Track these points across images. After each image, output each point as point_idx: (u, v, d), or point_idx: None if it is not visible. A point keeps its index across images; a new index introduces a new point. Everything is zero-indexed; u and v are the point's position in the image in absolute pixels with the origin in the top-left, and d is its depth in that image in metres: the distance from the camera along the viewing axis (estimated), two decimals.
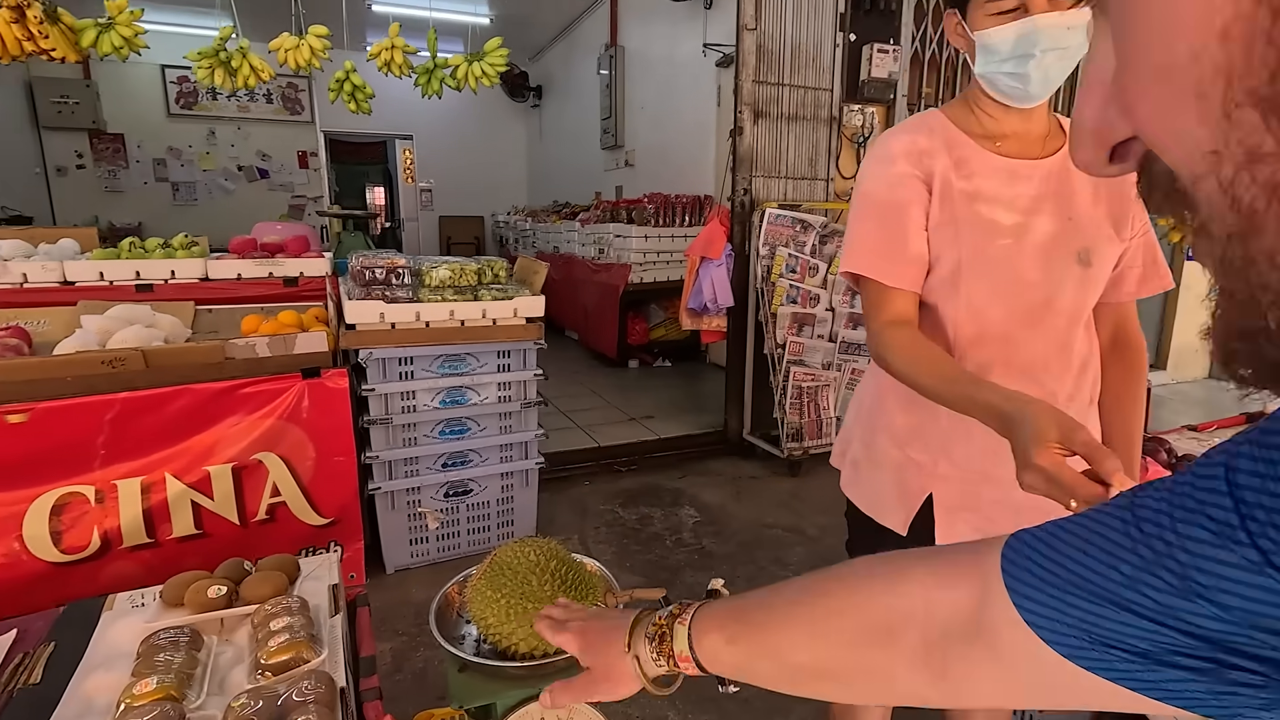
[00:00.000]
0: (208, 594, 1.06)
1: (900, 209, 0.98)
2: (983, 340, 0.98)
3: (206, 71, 2.50)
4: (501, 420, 2.51)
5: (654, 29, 5.99)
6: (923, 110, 3.72)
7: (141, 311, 2.25)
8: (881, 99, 3.66)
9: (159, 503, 2.00)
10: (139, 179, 8.13)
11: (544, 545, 1.08)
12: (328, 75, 3.04)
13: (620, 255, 5.30)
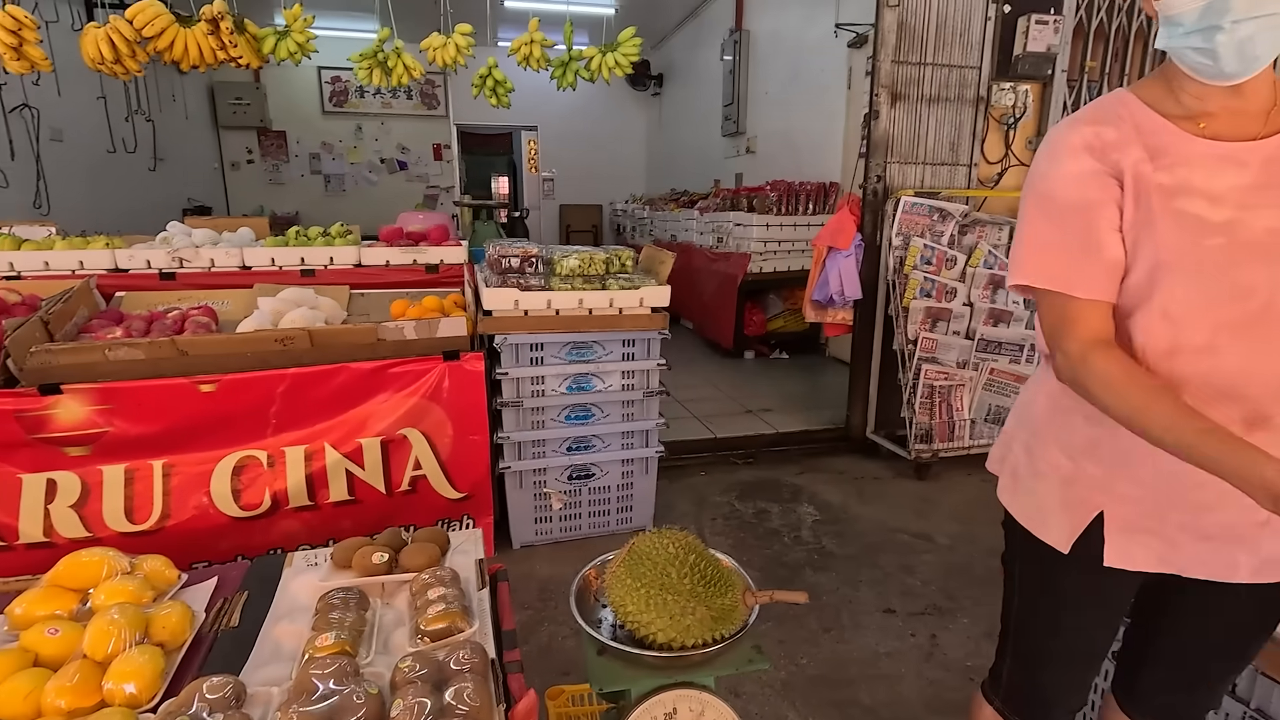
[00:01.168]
0: (372, 560, 1.15)
1: (1088, 209, 0.87)
2: (1177, 353, 0.86)
3: (366, 71, 2.70)
4: (624, 408, 2.55)
5: (783, 11, 5.82)
6: (1085, 87, 3.39)
7: (306, 294, 2.47)
8: (1038, 75, 3.35)
9: (319, 470, 2.20)
10: (297, 172, 8.95)
11: (681, 538, 1.08)
12: (465, 71, 3.19)
13: (740, 244, 5.22)
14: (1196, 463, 0.78)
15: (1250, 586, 0.93)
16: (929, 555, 2.54)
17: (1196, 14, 0.79)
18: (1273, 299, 0.82)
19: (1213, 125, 0.86)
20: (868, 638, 2.07)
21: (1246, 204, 0.83)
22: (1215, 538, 0.91)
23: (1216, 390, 0.86)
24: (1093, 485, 0.95)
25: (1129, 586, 1.00)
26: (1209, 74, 0.83)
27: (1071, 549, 0.97)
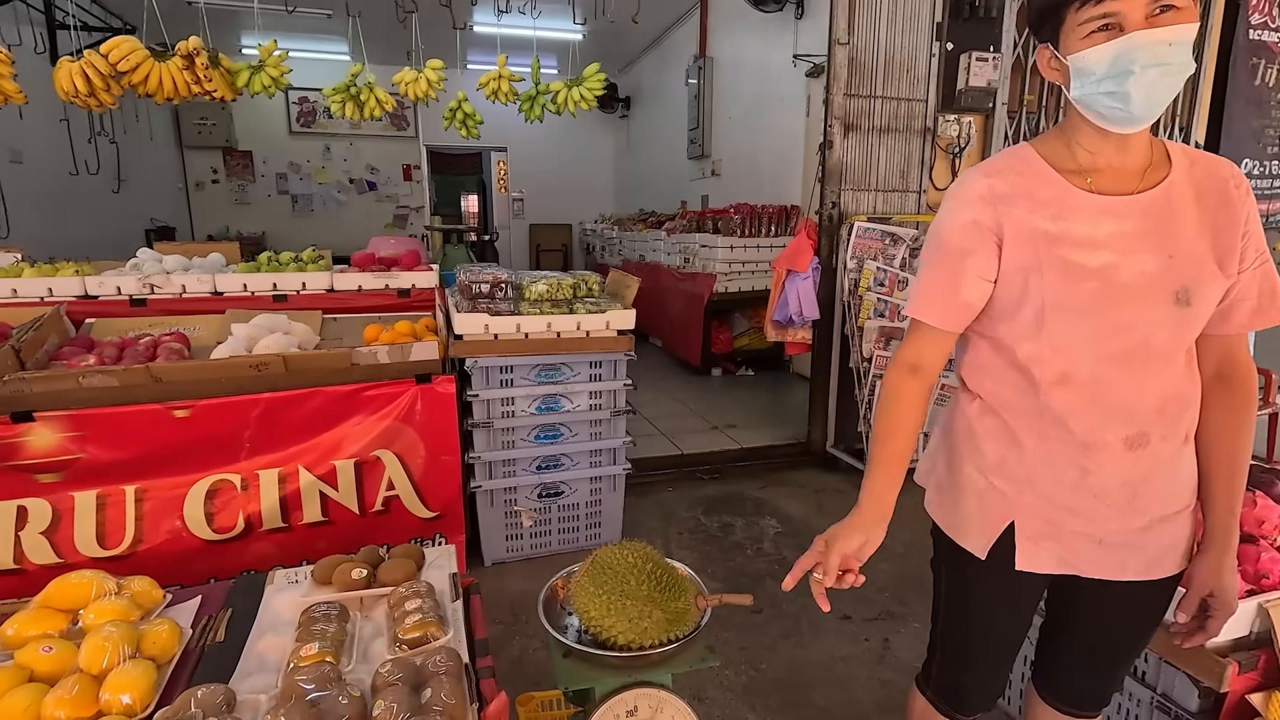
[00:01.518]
0: (351, 575, 1.23)
1: (961, 256, 1.00)
2: (1069, 381, 0.98)
3: (339, 104, 2.78)
4: (592, 427, 2.65)
5: (744, 40, 6.04)
6: (1024, 119, 3.62)
7: (280, 320, 2.52)
8: (980, 108, 3.57)
9: (293, 492, 2.25)
10: (264, 192, 8.91)
11: (640, 549, 1.18)
12: (435, 100, 3.28)
13: (705, 265, 5.38)
14: (870, 461, 1.10)
15: (1139, 583, 1.06)
16: (885, 564, 2.67)
17: (1108, 63, 0.89)
18: (1147, 334, 0.95)
19: (1099, 181, 0.98)
20: (825, 643, 2.18)
21: (1122, 250, 0.95)
22: (1106, 542, 1.04)
23: (1105, 413, 0.98)
24: (1003, 499, 1.07)
25: (1037, 587, 1.13)
26: (1119, 118, 0.92)
27: (988, 555, 1.09)
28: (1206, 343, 1.02)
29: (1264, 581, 1.35)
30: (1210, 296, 0.96)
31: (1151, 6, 0.86)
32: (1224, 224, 0.96)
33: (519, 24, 3.45)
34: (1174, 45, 0.87)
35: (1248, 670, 1.28)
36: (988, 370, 1.07)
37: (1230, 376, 1.03)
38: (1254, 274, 0.98)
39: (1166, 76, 0.88)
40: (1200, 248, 0.95)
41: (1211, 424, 1.03)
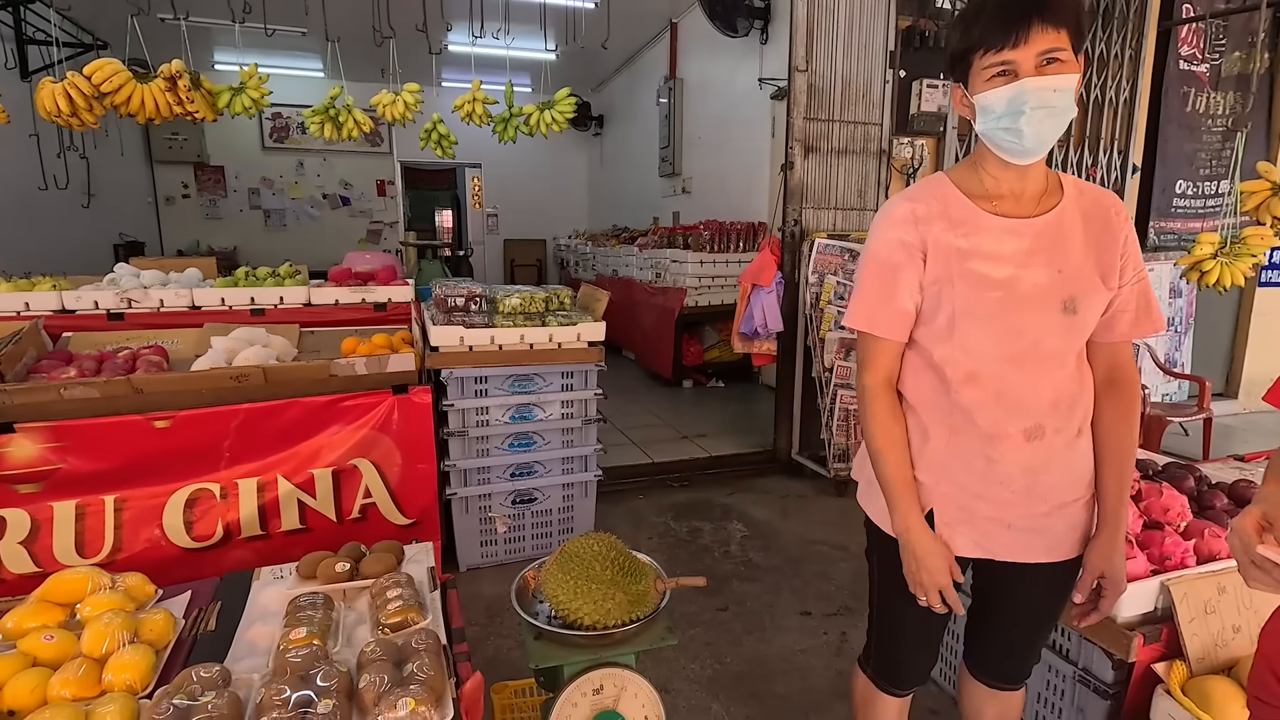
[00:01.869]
0: (335, 569, 1.31)
1: (894, 270, 1.13)
2: (975, 379, 1.12)
3: (318, 125, 2.87)
4: (564, 435, 2.75)
5: (712, 62, 6.25)
6: (973, 141, 3.84)
7: (258, 333, 2.59)
8: (931, 131, 3.78)
9: (271, 500, 2.31)
10: (235, 207, 8.89)
11: (605, 539, 1.29)
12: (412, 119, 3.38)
13: (676, 279, 5.53)
14: (888, 492, 1.18)
15: (1046, 565, 1.20)
16: (844, 563, 2.80)
17: (1004, 103, 1.04)
18: (1039, 338, 1.10)
19: (1002, 205, 1.13)
20: (786, 638, 2.30)
21: (1021, 265, 1.10)
22: (1015, 527, 1.17)
23: (1007, 407, 1.12)
24: (921, 489, 1.19)
25: (960, 568, 1.26)
26: (1014, 150, 1.07)
27: None
28: (1097, 350, 1.17)
29: (1167, 563, 1.51)
30: (1094, 307, 1.11)
31: (1040, 58, 1.01)
32: (1106, 245, 1.12)
33: (493, 44, 3.58)
34: (1058, 91, 1.02)
35: (1152, 642, 1.43)
36: (908, 371, 1.20)
37: (1117, 379, 1.18)
38: (1132, 289, 1.14)
39: (1051, 117, 1.04)
40: (1086, 264, 1.11)
41: (1102, 421, 1.18)
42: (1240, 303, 5.01)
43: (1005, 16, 1.00)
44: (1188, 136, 4.44)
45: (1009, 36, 1.00)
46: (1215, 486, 1.88)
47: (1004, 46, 1.01)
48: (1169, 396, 4.51)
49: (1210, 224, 4.55)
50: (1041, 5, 0.99)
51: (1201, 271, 2.45)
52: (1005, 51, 1.01)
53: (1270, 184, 2.37)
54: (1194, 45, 4.33)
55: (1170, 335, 4.59)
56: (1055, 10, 0.99)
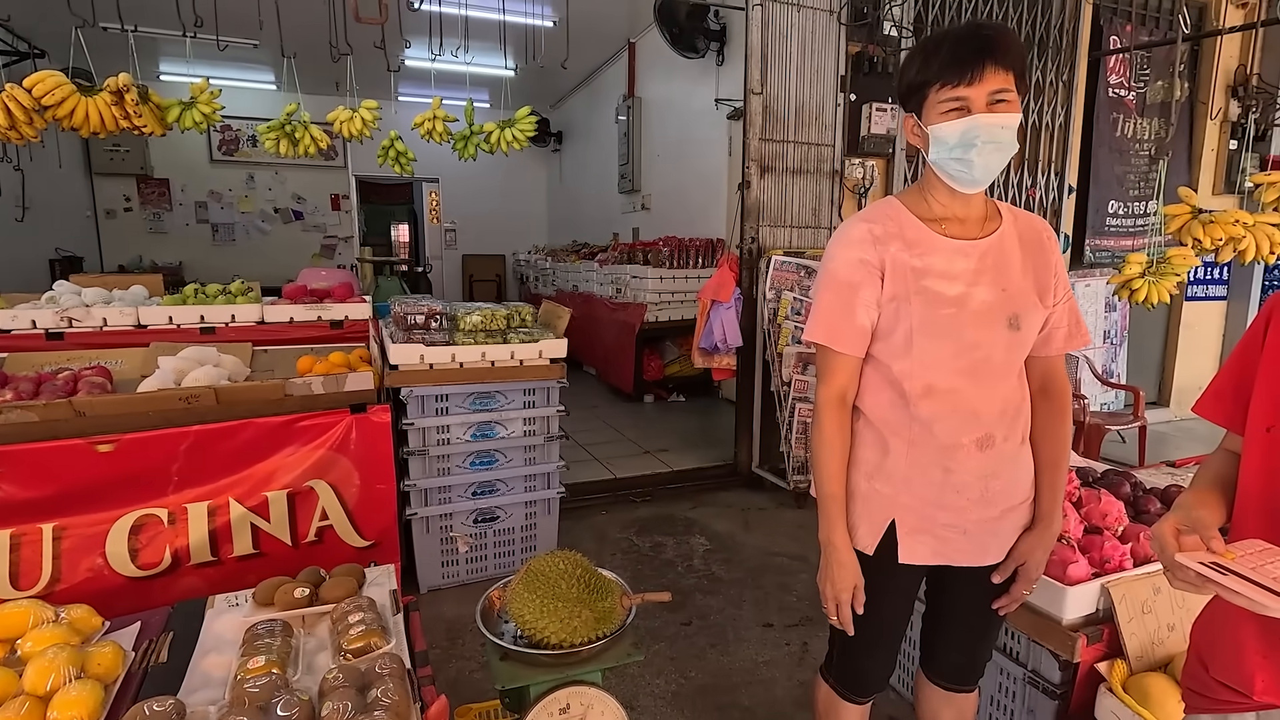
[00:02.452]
0: (294, 594, 1.29)
1: (853, 288, 1.19)
2: (932, 393, 1.18)
3: (273, 142, 2.82)
4: (526, 453, 2.74)
5: (669, 82, 6.35)
6: (920, 162, 4.00)
7: (209, 352, 2.52)
8: (881, 153, 3.92)
9: (223, 525, 2.23)
10: (181, 221, 8.61)
11: (571, 557, 1.30)
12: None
13: (636, 295, 5.57)
14: (821, 503, 1.24)
15: (995, 567, 1.26)
16: (804, 575, 2.85)
17: (958, 136, 1.11)
18: (989, 352, 1.17)
19: (950, 228, 1.20)
20: (749, 650, 2.32)
21: (971, 283, 1.17)
22: (970, 532, 1.23)
23: (962, 418, 1.18)
24: (884, 500, 1.24)
25: (917, 576, 1.31)
26: (964, 180, 1.15)
27: (876, 551, 1.26)
28: (1034, 363, 1.25)
29: (1107, 566, 1.58)
30: (1034, 323, 1.19)
31: (991, 97, 1.09)
32: (1041, 266, 1.21)
33: (453, 61, 3.58)
34: (1005, 129, 1.11)
35: (1094, 642, 1.50)
36: (867, 387, 1.25)
37: (1050, 390, 1.27)
38: (1064, 307, 1.23)
39: (998, 151, 1.12)
40: (1025, 284, 1.19)
41: (1038, 429, 1.26)
42: (1169, 316, 5.30)
43: (961, 56, 1.08)
44: (1118, 159, 4.70)
45: (964, 74, 1.08)
46: (1149, 492, 1.99)
47: (959, 83, 1.08)
48: (1107, 406, 4.73)
49: (1139, 242, 4.81)
50: (994, 48, 1.07)
51: (1131, 289, 2.60)
52: (960, 88, 1.09)
53: (1190, 208, 2.53)
54: (1121, 74, 4.60)
55: (1107, 348, 4.82)
56: (1005, 54, 1.08)
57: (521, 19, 3.45)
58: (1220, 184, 5.06)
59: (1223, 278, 5.34)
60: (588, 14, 5.73)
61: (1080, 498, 1.76)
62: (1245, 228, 2.48)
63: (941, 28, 2.74)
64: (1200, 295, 5.30)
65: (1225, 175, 5.06)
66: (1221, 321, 5.46)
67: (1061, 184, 4.43)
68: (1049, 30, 4.19)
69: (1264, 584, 0.72)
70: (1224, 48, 4.78)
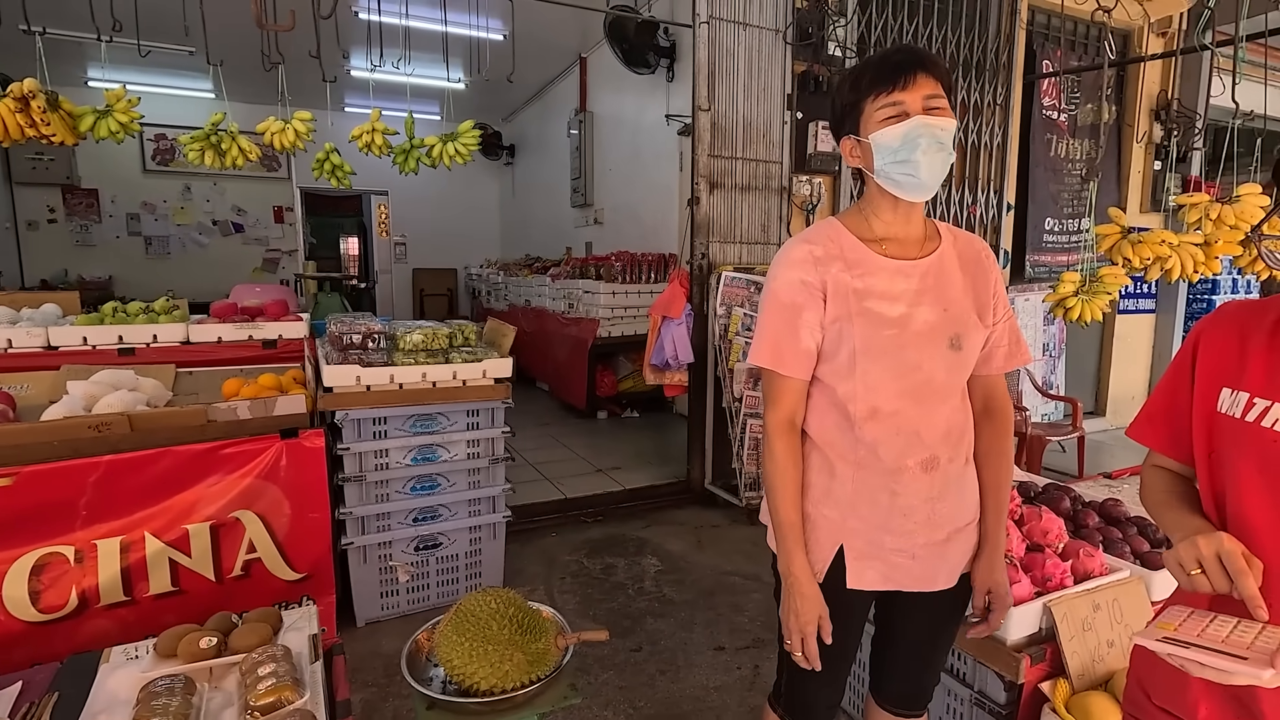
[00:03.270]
0: (199, 645, 1.18)
1: (796, 310, 1.16)
2: (877, 414, 1.16)
3: (198, 153, 2.67)
4: (470, 476, 2.64)
5: (621, 97, 6.35)
6: (862, 184, 4.07)
7: (125, 376, 2.36)
8: (827, 170, 3.97)
9: (137, 561, 2.08)
10: (111, 233, 8.20)
11: (504, 595, 1.23)
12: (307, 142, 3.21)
13: (589, 310, 5.51)
14: (777, 532, 1.20)
15: (944, 590, 1.24)
16: (757, 594, 2.82)
17: (900, 139, 1.10)
18: (931, 373, 1.16)
19: (890, 248, 1.19)
20: (699, 675, 2.27)
21: (912, 304, 1.16)
22: (918, 557, 1.21)
23: (906, 440, 1.17)
24: (831, 526, 1.21)
25: (865, 603, 1.28)
26: (911, 185, 1.13)
27: (825, 577, 1.23)
28: (975, 382, 1.25)
29: (1049, 584, 1.59)
30: (975, 342, 1.19)
31: (926, 101, 1.10)
32: (980, 286, 1.21)
33: (395, 72, 3.49)
34: (944, 131, 1.11)
35: (1038, 662, 1.50)
36: (813, 410, 1.22)
37: (993, 409, 1.26)
38: (1004, 326, 1.23)
39: (940, 153, 1.12)
40: (965, 303, 1.19)
41: (981, 448, 1.25)
42: (1103, 329, 5.51)
43: (892, 64, 1.10)
44: (1052, 178, 4.88)
45: (898, 80, 1.09)
46: (1088, 505, 2.02)
47: (894, 89, 1.09)
48: (1047, 416, 4.88)
49: (1075, 258, 4.99)
50: (923, 59, 1.10)
51: (1066, 308, 2.67)
52: (896, 93, 1.09)
53: (1120, 228, 2.62)
54: (1053, 97, 4.78)
55: (1046, 360, 4.97)
56: (933, 65, 1.11)
57: (468, 31, 3.38)
58: (1147, 203, 5.30)
59: (1151, 291, 5.59)
60: (538, 28, 5.70)
61: (1022, 515, 1.78)
62: (1171, 247, 2.58)
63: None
64: (1131, 309, 5.53)
65: (1151, 194, 5.30)
66: (1151, 334, 5.70)
67: (1001, 202, 4.56)
68: (985, 53, 4.33)
69: (1229, 652, 0.72)
70: (1147, 74, 5.03)
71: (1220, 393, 0.89)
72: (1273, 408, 0.82)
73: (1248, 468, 0.84)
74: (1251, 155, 2.85)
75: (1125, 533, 1.89)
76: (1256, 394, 0.84)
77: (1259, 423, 0.83)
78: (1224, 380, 0.89)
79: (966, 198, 4.45)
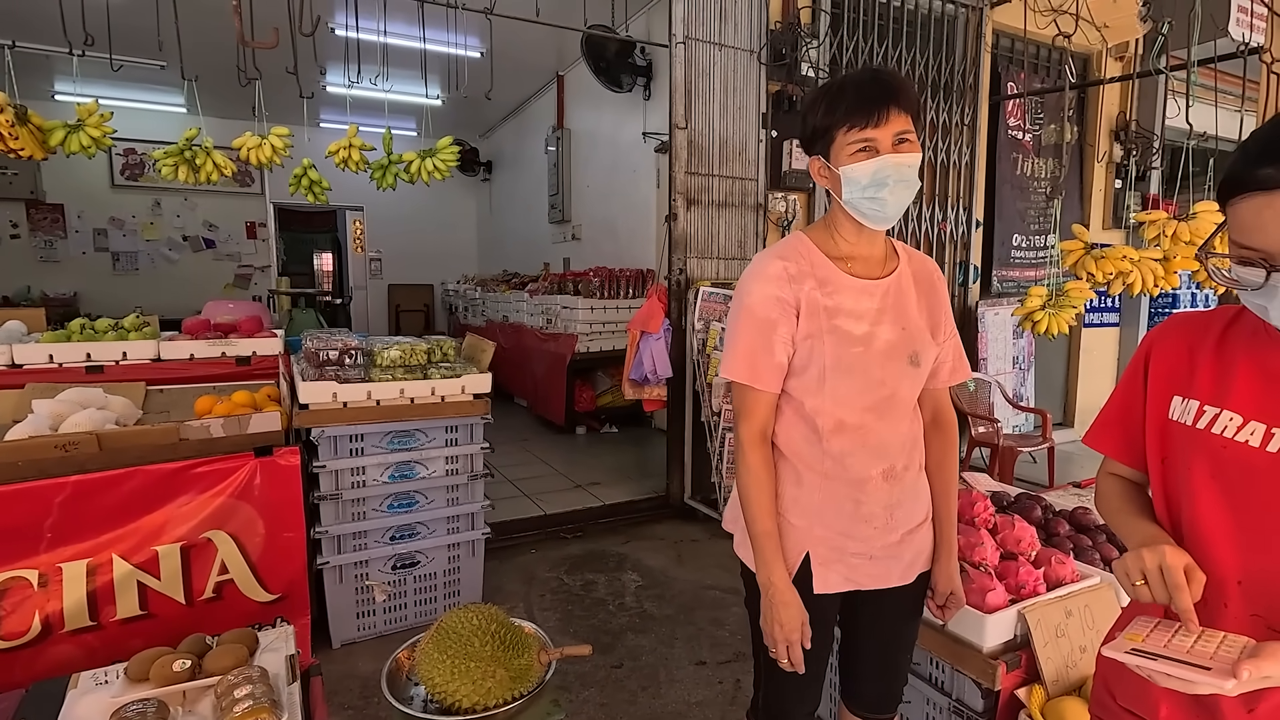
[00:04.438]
0: (172, 668, 1.16)
1: (769, 325, 1.19)
2: (843, 428, 1.20)
3: (171, 168, 2.64)
4: (449, 493, 2.62)
5: (599, 114, 6.41)
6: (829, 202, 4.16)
7: (93, 394, 2.31)
8: (802, 187, 4.04)
9: (104, 584, 2.03)
10: (77, 249, 8.04)
11: (486, 611, 1.22)
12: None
13: (567, 325, 5.52)
14: (755, 543, 1.21)
15: (900, 588, 1.29)
16: (737, 608, 2.82)
17: (870, 176, 1.14)
18: (895, 389, 1.21)
19: (855, 266, 1.23)
20: (681, 691, 2.27)
21: (875, 322, 1.21)
22: (876, 557, 1.26)
23: (871, 453, 1.21)
24: (798, 534, 1.24)
25: (833, 605, 1.31)
26: (876, 217, 1.18)
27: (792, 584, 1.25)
28: (925, 395, 1.31)
29: (1022, 591, 1.62)
30: (929, 359, 1.25)
31: (895, 138, 1.14)
32: (933, 304, 1.27)
33: (372, 89, 3.49)
34: (910, 167, 1.16)
35: (1014, 669, 1.52)
36: (781, 422, 1.25)
37: (941, 421, 1.34)
38: (950, 343, 1.30)
39: (906, 189, 1.17)
40: (920, 321, 1.25)
41: (932, 459, 1.32)
42: (1070, 342, 5.65)
43: (867, 100, 1.12)
44: (1019, 196, 5.02)
45: (871, 117, 1.12)
46: (1059, 514, 2.07)
47: (867, 125, 1.12)
48: (1018, 428, 4.97)
49: (1041, 273, 5.13)
50: (895, 93, 1.13)
51: (1033, 321, 2.75)
52: (868, 130, 1.13)
53: (1083, 244, 2.71)
54: (1018, 118, 4.93)
55: (1016, 373, 5.08)
56: (905, 99, 1.13)
57: (445, 49, 3.40)
58: (1109, 220, 5.47)
59: (1115, 306, 5.75)
60: (515, 47, 5.74)
61: (996, 524, 1.81)
62: (1132, 263, 2.67)
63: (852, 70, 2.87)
64: (1096, 322, 5.68)
65: (1113, 212, 5.48)
66: (1116, 346, 5.86)
67: (970, 219, 4.68)
68: (953, 75, 4.45)
69: (1194, 663, 0.73)
70: (1106, 96, 5.22)
71: (1171, 400, 0.91)
72: (1221, 414, 0.85)
73: (1200, 473, 0.86)
74: (1205, 174, 2.97)
75: (1095, 540, 1.94)
76: (1206, 401, 0.86)
77: (1209, 429, 0.85)
78: (1175, 388, 0.91)
79: (937, 215, 4.55)
